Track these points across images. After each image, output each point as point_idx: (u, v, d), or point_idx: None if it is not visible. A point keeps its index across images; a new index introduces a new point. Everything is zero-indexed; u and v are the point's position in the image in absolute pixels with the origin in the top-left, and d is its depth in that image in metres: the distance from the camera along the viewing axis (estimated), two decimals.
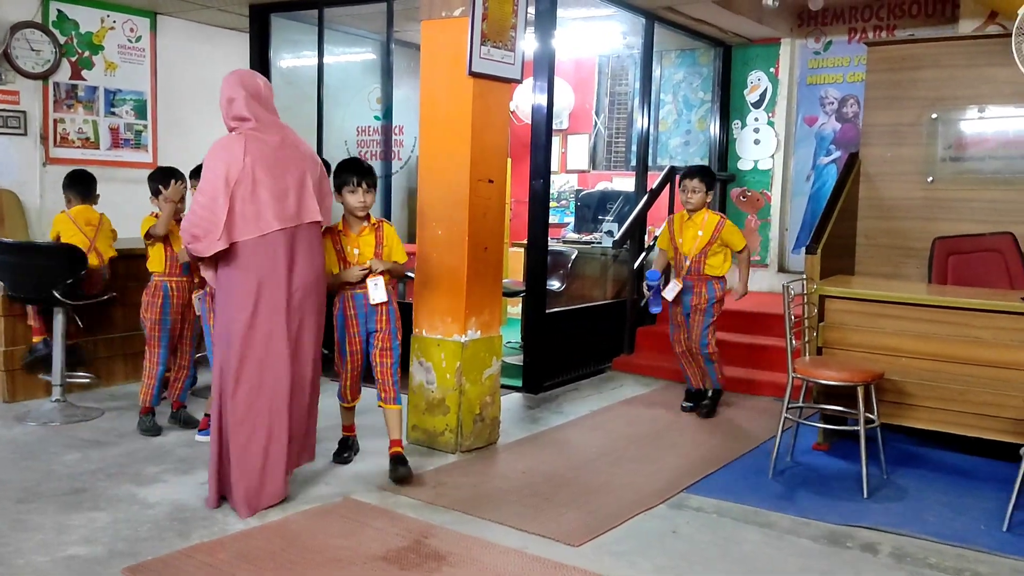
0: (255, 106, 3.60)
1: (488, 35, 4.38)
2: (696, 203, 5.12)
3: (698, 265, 5.13)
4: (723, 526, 3.61)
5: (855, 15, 7.35)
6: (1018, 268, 5.03)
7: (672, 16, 7.12)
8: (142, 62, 7.50)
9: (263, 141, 3.55)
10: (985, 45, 5.41)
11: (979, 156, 5.51)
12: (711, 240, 5.09)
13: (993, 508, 3.77)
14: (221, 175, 3.43)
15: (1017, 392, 3.94)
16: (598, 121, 8.92)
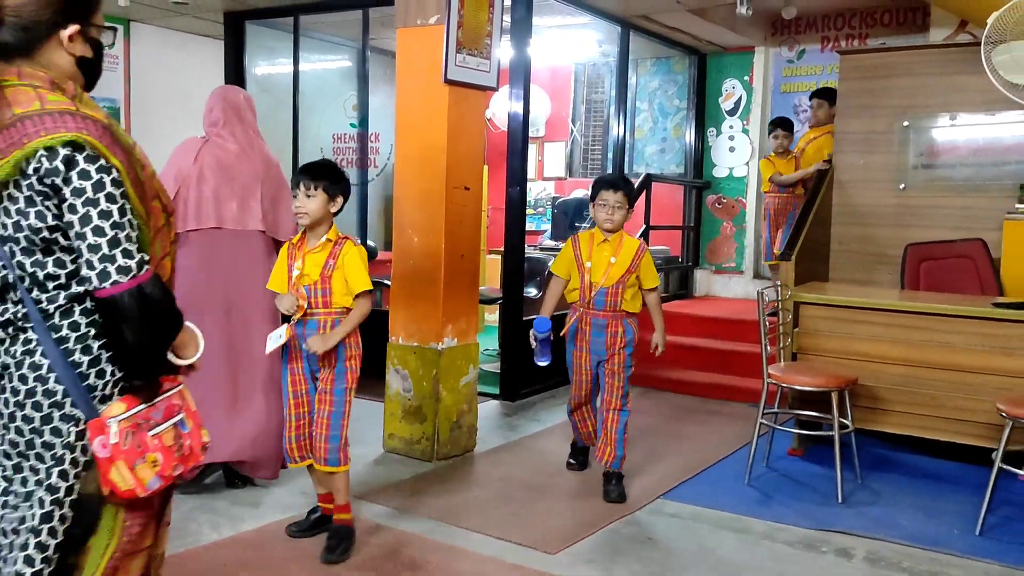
0: (227, 116, 3.80)
1: (463, 43, 4.39)
2: (618, 222, 3.98)
3: (615, 298, 3.95)
4: (699, 532, 3.62)
5: (828, 24, 7.43)
6: (989, 274, 5.09)
7: (647, 24, 7.16)
8: (115, 69, 7.44)
9: (222, 147, 3.74)
10: (956, 54, 5.48)
11: (950, 163, 5.58)
12: (630, 268, 3.96)
13: (966, 512, 3.81)
14: (172, 173, 3.65)
15: (988, 396, 3.99)
16: (574, 129, 8.95)
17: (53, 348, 1.65)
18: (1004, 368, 4.05)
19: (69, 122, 1.59)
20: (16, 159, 1.57)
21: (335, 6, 6.59)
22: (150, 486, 1.69)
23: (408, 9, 4.47)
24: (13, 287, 1.66)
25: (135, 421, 1.68)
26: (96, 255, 1.60)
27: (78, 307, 1.68)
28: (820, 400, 4.25)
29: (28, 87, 1.64)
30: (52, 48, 1.68)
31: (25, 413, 1.66)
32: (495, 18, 4.58)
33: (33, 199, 1.60)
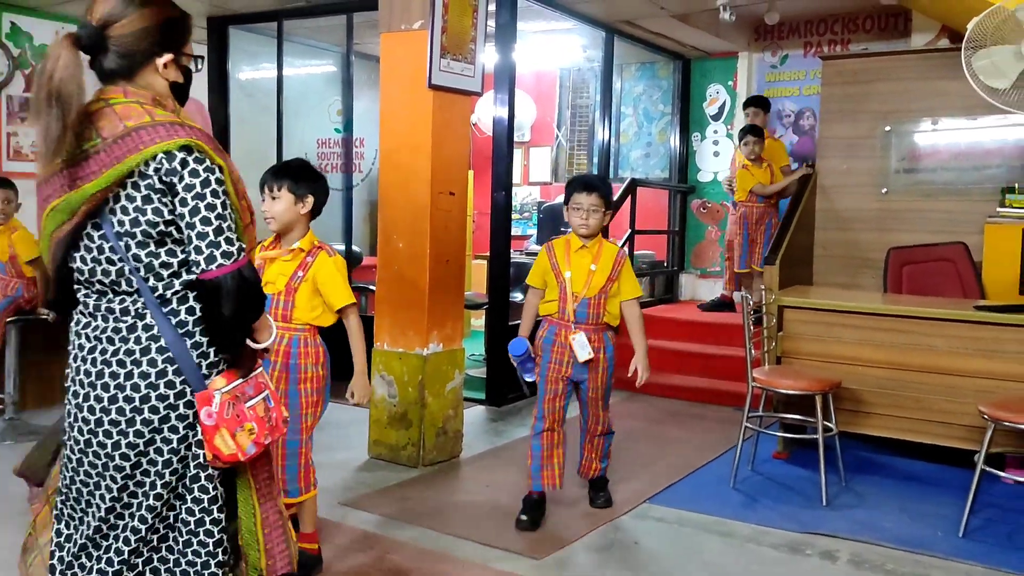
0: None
1: (448, 48, 4.39)
2: (594, 227, 3.64)
3: (597, 310, 3.64)
4: (684, 536, 3.62)
5: (810, 29, 7.48)
6: (970, 277, 5.14)
7: (631, 30, 7.19)
8: None
9: None
10: (937, 59, 5.53)
11: (932, 168, 5.63)
12: (612, 276, 3.65)
13: (949, 514, 3.83)
14: None
15: (970, 399, 4.01)
16: (560, 133, 8.96)
17: (171, 331, 1.86)
18: (986, 371, 4.08)
19: (180, 131, 1.83)
20: (137, 159, 1.78)
21: (319, 11, 6.58)
22: (248, 451, 1.90)
23: (392, 14, 4.47)
24: (128, 278, 1.85)
25: (234, 394, 1.89)
26: (204, 242, 1.81)
27: (191, 293, 1.88)
28: (804, 403, 4.26)
29: (135, 103, 1.86)
30: (149, 73, 1.91)
31: (160, 392, 1.86)
32: (479, 23, 4.59)
33: (151, 197, 1.81)
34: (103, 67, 1.88)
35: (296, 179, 3.00)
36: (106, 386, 1.86)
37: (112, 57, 1.86)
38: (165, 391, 1.86)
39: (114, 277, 1.86)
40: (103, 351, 1.87)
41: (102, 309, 1.89)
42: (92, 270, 1.88)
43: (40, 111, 1.77)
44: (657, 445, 4.95)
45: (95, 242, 1.86)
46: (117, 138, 1.80)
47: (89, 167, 1.81)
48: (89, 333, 1.90)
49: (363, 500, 3.92)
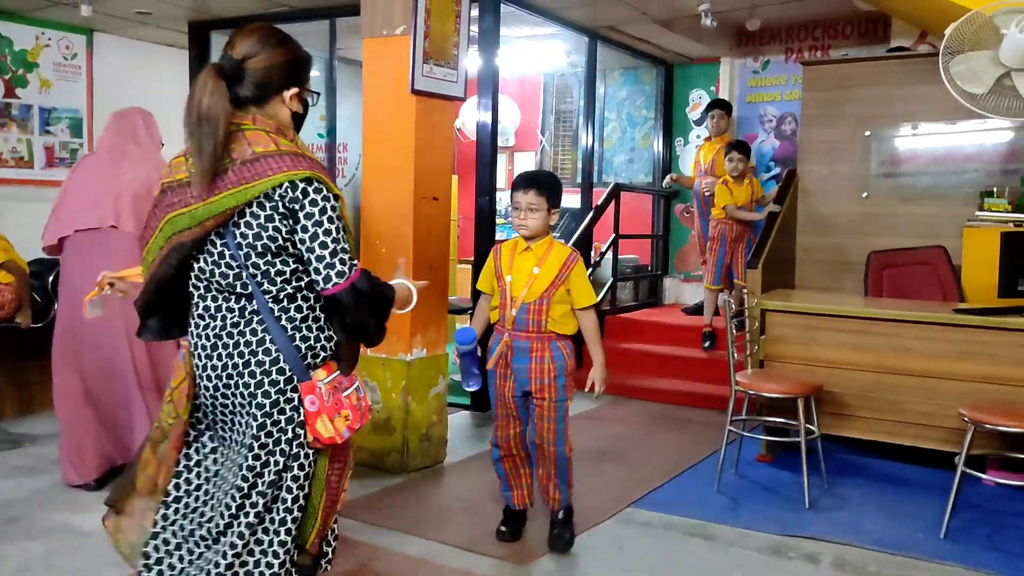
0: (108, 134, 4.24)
1: (431, 53, 4.39)
2: (534, 228, 3.32)
3: (537, 316, 3.31)
4: (669, 540, 3.63)
5: (791, 35, 7.52)
6: (950, 280, 5.18)
7: (614, 35, 7.21)
8: (78, 80, 7.34)
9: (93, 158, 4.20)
10: (916, 64, 5.58)
11: (912, 172, 5.67)
12: (556, 281, 3.31)
13: (930, 516, 3.86)
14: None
15: (951, 401, 4.05)
16: (544, 139, 8.98)
17: (279, 331, 2.13)
18: (966, 373, 4.12)
19: (303, 163, 2.09)
20: (266, 184, 2.04)
21: (301, 16, 6.56)
22: (344, 435, 2.17)
23: (374, 20, 4.47)
24: (244, 283, 2.12)
25: (333, 384, 2.18)
26: (322, 263, 2.09)
27: (300, 295, 2.16)
28: (787, 407, 4.29)
29: (262, 131, 2.13)
30: (277, 103, 2.18)
31: (272, 378, 2.13)
32: (462, 28, 4.59)
33: (273, 217, 2.07)
34: (239, 95, 2.13)
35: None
36: (230, 375, 2.15)
37: (248, 86, 2.13)
38: (276, 377, 2.14)
39: (231, 281, 2.14)
40: (224, 345, 2.15)
41: (222, 309, 2.16)
42: (212, 273, 2.15)
43: (193, 132, 2.06)
44: (641, 449, 4.96)
45: (217, 249, 2.13)
46: (246, 161, 2.07)
47: (217, 185, 2.06)
48: (209, 332, 2.17)
49: (346, 506, 3.90)
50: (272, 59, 2.15)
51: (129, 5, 6.45)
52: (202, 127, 2.03)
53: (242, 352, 2.14)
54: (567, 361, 3.39)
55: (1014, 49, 4.08)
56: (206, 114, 2.03)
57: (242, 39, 2.16)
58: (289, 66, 2.19)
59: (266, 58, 2.15)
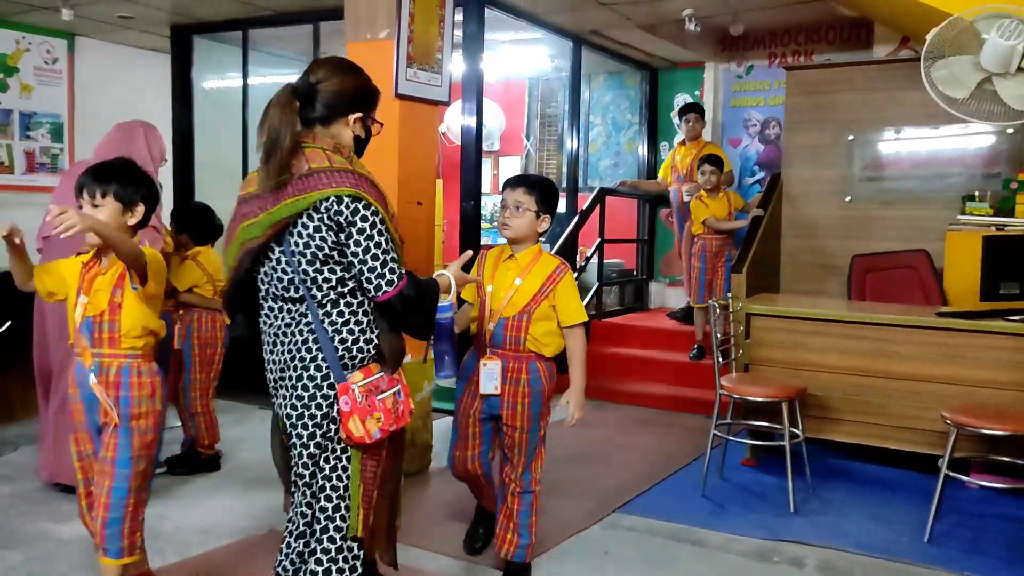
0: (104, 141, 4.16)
1: (414, 57, 4.37)
2: (518, 230, 3.04)
3: (516, 333, 3.00)
4: (654, 545, 3.62)
5: (774, 40, 7.55)
6: (932, 284, 5.20)
7: (599, 40, 7.22)
8: (59, 84, 7.29)
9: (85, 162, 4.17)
10: (898, 69, 5.61)
11: (894, 176, 5.70)
12: (539, 295, 3.01)
13: (915, 519, 3.86)
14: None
15: (934, 405, 4.06)
16: (529, 143, 8.98)
17: (323, 332, 2.31)
18: (949, 376, 4.14)
19: (350, 179, 2.28)
20: (314, 198, 2.24)
21: (284, 20, 6.54)
22: (374, 436, 2.31)
23: (358, 24, 4.45)
24: (296, 287, 2.31)
25: (369, 387, 2.32)
26: (373, 274, 2.28)
27: (344, 300, 2.32)
28: (772, 410, 4.29)
29: (319, 149, 2.34)
30: (340, 124, 2.40)
31: (310, 373, 2.32)
32: (446, 32, 4.58)
33: (320, 228, 2.26)
34: (308, 116, 2.36)
35: (125, 182, 2.68)
36: (282, 370, 2.37)
37: (318, 107, 2.36)
38: (314, 374, 2.31)
39: (286, 285, 2.33)
40: (282, 342, 2.37)
41: (280, 311, 2.37)
42: (271, 277, 2.36)
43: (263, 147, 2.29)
44: (627, 454, 4.95)
45: (275, 255, 2.34)
46: (302, 176, 2.27)
47: (278, 196, 2.28)
48: (270, 331, 2.41)
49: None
50: (342, 84, 2.39)
51: (111, 9, 6.41)
52: (269, 143, 2.27)
53: (291, 350, 2.34)
54: (544, 385, 3.05)
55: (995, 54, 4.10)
56: (274, 131, 2.27)
57: (319, 66, 2.43)
58: (356, 92, 2.42)
59: (337, 82, 2.38)
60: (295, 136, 2.29)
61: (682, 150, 7.01)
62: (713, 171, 6.15)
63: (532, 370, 3.03)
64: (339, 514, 2.37)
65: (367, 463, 2.40)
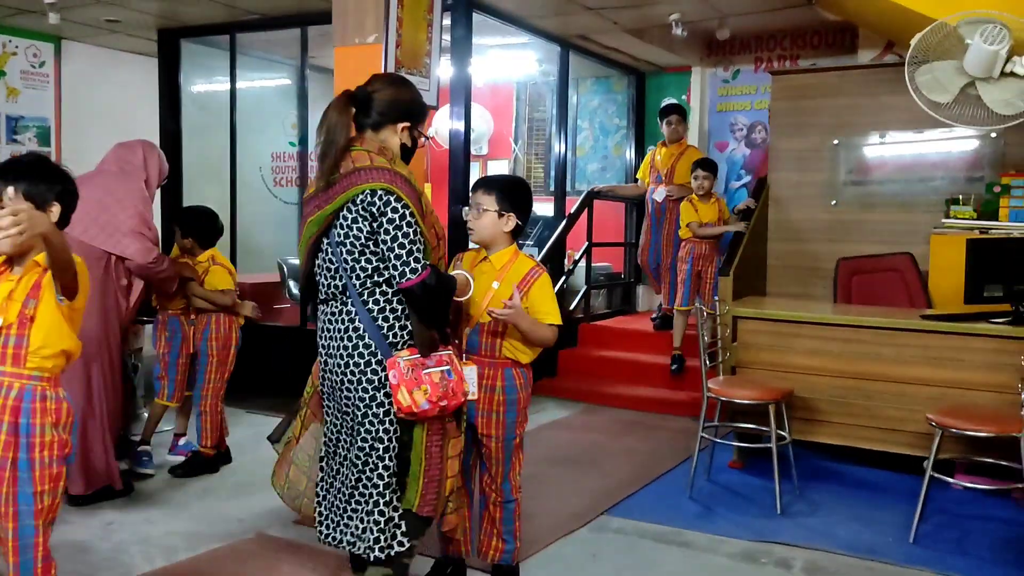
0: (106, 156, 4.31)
1: (402, 62, 4.38)
2: (482, 232, 2.97)
3: (492, 339, 2.94)
4: (642, 547, 3.63)
5: (760, 45, 7.60)
6: (917, 287, 5.24)
7: (586, 44, 7.25)
8: (46, 88, 7.27)
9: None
10: (883, 74, 5.65)
11: (879, 180, 5.74)
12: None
13: (900, 520, 3.89)
14: None
15: (919, 407, 4.09)
16: (517, 147, 8.99)
17: (365, 315, 2.62)
18: (933, 378, 4.17)
19: (386, 176, 2.57)
20: (352, 193, 2.57)
21: (272, 24, 6.54)
22: (421, 406, 2.55)
23: (346, 28, 4.46)
24: (339, 275, 2.64)
25: (414, 363, 2.58)
26: (399, 261, 2.56)
27: (378, 289, 2.62)
28: (758, 413, 4.31)
29: (365, 151, 2.63)
30: (389, 131, 2.70)
31: (359, 351, 2.63)
32: (434, 37, 4.59)
33: (357, 219, 2.58)
34: (361, 120, 2.68)
35: (35, 179, 2.41)
36: (336, 348, 2.68)
37: (372, 114, 2.67)
38: (363, 351, 2.63)
39: (332, 274, 2.66)
40: (332, 325, 2.69)
41: (329, 297, 2.68)
42: (322, 269, 2.70)
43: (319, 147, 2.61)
44: (614, 456, 4.96)
45: (323, 248, 2.68)
46: (347, 174, 2.58)
47: (328, 195, 2.60)
48: (323, 317, 2.72)
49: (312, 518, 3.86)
50: (395, 94, 2.71)
51: (98, 13, 6.40)
52: (326, 143, 2.57)
53: (340, 331, 2.64)
54: (520, 394, 2.99)
55: (978, 59, 4.15)
56: (331, 133, 2.57)
57: (376, 78, 2.76)
58: (405, 103, 2.72)
59: (391, 92, 2.71)
60: (348, 139, 2.60)
61: (663, 151, 6.90)
62: (707, 176, 6.10)
63: (507, 377, 2.97)
64: (389, 489, 2.62)
65: (432, 438, 2.64)
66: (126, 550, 3.44)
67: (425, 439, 2.64)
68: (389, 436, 2.65)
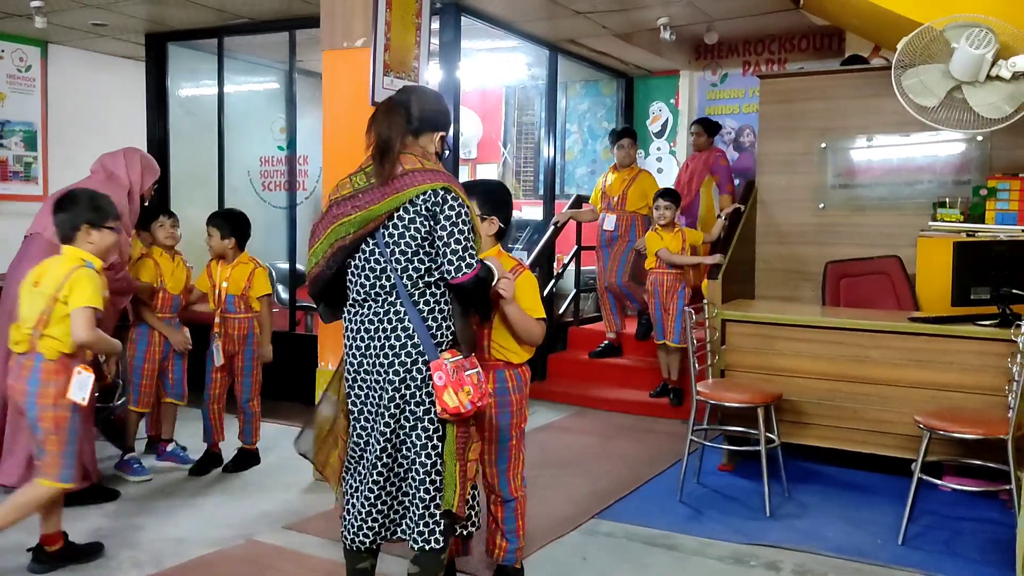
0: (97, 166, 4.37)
1: (391, 65, 4.38)
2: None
3: (480, 340, 2.99)
4: (632, 551, 3.64)
5: (748, 49, 7.64)
6: (905, 289, 5.26)
7: (575, 48, 7.27)
8: (32, 92, 7.23)
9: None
10: (870, 77, 5.68)
11: (866, 183, 5.77)
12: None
13: (889, 522, 3.90)
14: None
15: (907, 409, 4.11)
16: (505, 151, 9.00)
17: (416, 315, 2.62)
18: (921, 381, 4.19)
19: (443, 176, 2.63)
20: (412, 193, 2.58)
21: (261, 28, 6.53)
22: (466, 407, 2.56)
23: (334, 32, 4.45)
24: (388, 276, 2.63)
25: (457, 364, 2.59)
26: (455, 256, 2.59)
27: (428, 290, 2.64)
28: (747, 416, 4.32)
29: (411, 155, 2.69)
30: (427, 137, 2.77)
31: (407, 351, 2.62)
32: (423, 41, 4.59)
33: (416, 219, 2.60)
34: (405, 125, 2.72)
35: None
36: (378, 348, 2.64)
37: (413, 120, 2.73)
38: (411, 350, 2.61)
39: (378, 274, 2.65)
40: (372, 324, 2.66)
41: (369, 301, 2.67)
42: (362, 271, 2.68)
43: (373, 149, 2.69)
44: (605, 460, 4.96)
45: (369, 248, 2.66)
46: (397, 176, 2.62)
47: (373, 196, 2.63)
48: (357, 317, 2.70)
49: (308, 523, 3.86)
50: (433, 103, 2.81)
51: (85, 17, 6.37)
52: (383, 144, 2.65)
53: (385, 330, 2.63)
54: (512, 396, 3.00)
55: (964, 63, 4.17)
56: (386, 134, 2.66)
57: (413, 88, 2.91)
58: (443, 113, 2.82)
59: (429, 101, 2.80)
60: (404, 141, 2.67)
61: (614, 176, 6.55)
62: (668, 206, 5.81)
63: (499, 379, 2.98)
64: (423, 487, 2.63)
65: (459, 441, 2.65)
66: (115, 556, 3.41)
67: (456, 441, 2.64)
68: (437, 436, 2.64)
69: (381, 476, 2.65)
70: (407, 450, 2.65)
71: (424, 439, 2.62)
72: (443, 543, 2.66)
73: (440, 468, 2.63)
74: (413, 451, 2.63)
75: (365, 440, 2.72)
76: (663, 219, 5.83)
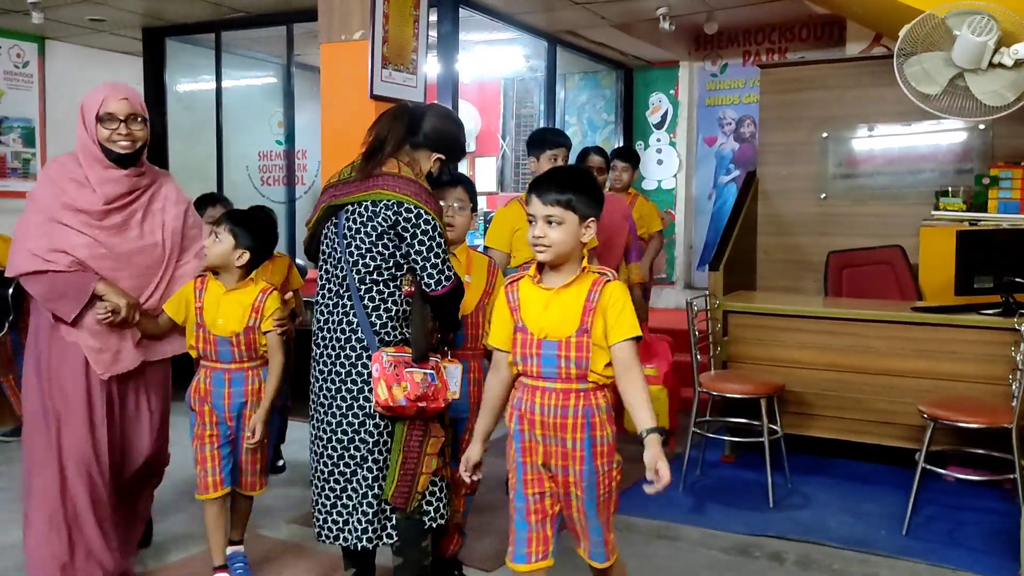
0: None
1: (389, 58, 4.36)
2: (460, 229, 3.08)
3: (474, 331, 3.06)
4: (634, 542, 3.63)
5: (748, 39, 7.60)
6: (907, 279, 5.25)
7: (573, 39, 7.23)
8: (30, 88, 7.20)
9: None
10: (871, 66, 5.65)
11: (868, 173, 5.75)
12: (488, 288, 3.11)
13: (892, 513, 3.89)
14: None
15: (911, 399, 4.09)
16: (505, 143, 8.97)
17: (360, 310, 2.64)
18: (925, 371, 4.17)
19: (412, 188, 2.63)
20: (375, 196, 2.62)
21: (258, 22, 6.50)
22: (399, 401, 2.55)
23: (332, 25, 4.43)
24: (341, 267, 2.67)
25: (398, 360, 2.59)
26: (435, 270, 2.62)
27: (375, 287, 2.64)
28: (750, 407, 4.30)
29: (396, 160, 2.70)
30: (424, 155, 2.78)
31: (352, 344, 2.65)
32: (421, 33, 4.57)
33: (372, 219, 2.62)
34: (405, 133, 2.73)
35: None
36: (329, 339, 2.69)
37: (418, 133, 2.74)
38: (355, 344, 2.64)
39: (334, 263, 2.70)
40: (326, 316, 2.71)
41: (328, 289, 2.72)
42: (325, 254, 2.75)
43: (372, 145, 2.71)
44: None
45: (330, 235, 2.72)
46: (372, 176, 2.65)
47: (348, 189, 2.68)
48: (320, 302, 2.75)
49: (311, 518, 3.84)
50: (445, 127, 2.80)
51: (82, 12, 6.34)
52: (376, 143, 2.69)
53: (335, 322, 2.67)
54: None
55: (966, 50, 4.14)
56: (383, 135, 2.69)
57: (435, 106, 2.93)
58: (450, 138, 2.81)
59: (442, 124, 2.80)
60: (397, 147, 2.69)
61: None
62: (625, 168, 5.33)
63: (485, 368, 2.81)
64: (378, 484, 2.64)
65: (412, 434, 2.66)
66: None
67: (405, 435, 2.66)
68: (379, 430, 2.65)
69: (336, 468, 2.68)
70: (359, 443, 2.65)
71: (376, 435, 2.64)
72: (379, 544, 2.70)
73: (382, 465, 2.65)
74: (365, 447, 2.64)
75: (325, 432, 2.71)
76: (619, 182, 5.32)
